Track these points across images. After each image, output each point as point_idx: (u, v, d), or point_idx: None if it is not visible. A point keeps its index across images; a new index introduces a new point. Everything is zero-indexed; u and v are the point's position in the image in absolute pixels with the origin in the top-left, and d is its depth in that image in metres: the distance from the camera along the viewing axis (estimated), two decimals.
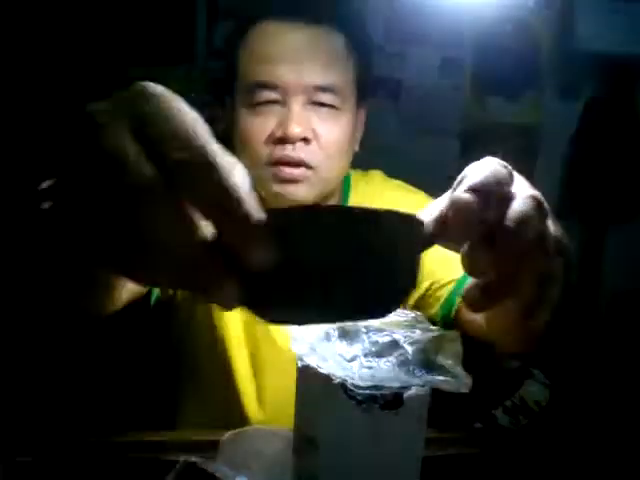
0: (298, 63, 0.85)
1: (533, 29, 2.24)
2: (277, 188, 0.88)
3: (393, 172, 1.14)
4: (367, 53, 0.96)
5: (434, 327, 0.57)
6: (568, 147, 2.32)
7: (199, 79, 2.15)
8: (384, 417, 0.51)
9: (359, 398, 0.50)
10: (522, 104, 2.29)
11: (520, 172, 0.51)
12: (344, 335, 0.59)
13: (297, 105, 0.86)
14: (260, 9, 0.91)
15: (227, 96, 0.94)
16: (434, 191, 0.98)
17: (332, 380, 0.51)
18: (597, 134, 2.24)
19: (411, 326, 0.59)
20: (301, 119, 0.85)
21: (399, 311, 0.60)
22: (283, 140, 0.85)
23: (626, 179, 2.27)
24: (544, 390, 1.84)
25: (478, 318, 0.77)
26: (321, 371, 0.52)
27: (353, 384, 0.50)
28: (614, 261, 2.37)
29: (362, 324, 0.60)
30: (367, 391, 0.50)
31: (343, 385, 0.51)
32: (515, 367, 1.93)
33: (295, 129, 0.84)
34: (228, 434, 0.72)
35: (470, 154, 2.58)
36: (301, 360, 0.53)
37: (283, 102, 0.86)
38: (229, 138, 0.95)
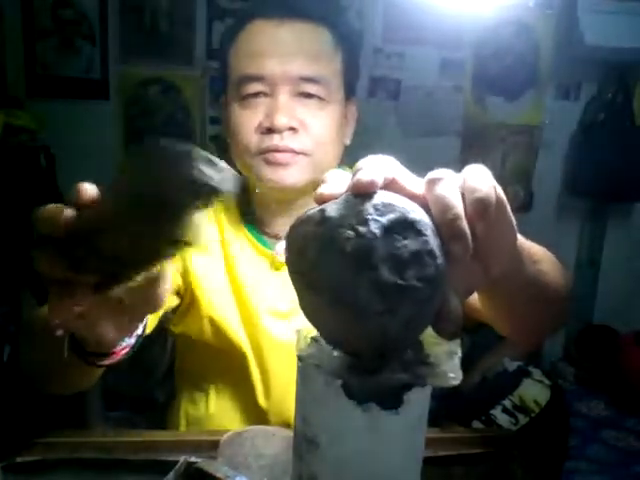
0: (283, 55, 0.88)
1: (533, 29, 2.24)
2: (268, 173, 0.90)
3: None
4: (353, 47, 0.99)
5: (433, 332, 0.58)
6: (568, 147, 2.32)
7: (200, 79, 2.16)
8: (384, 417, 0.51)
9: (359, 398, 0.50)
10: (522, 104, 2.29)
11: (520, 172, 0.52)
12: None
13: (283, 96, 0.88)
14: (250, 9, 0.94)
15: (222, 92, 0.97)
16: None
17: (332, 380, 0.51)
18: (597, 134, 2.24)
19: None
20: (288, 109, 0.88)
21: None
22: (271, 130, 0.87)
23: (624, 178, 2.27)
24: (543, 389, 1.84)
25: (480, 305, 0.80)
26: (321, 371, 0.51)
27: (355, 384, 0.50)
28: (613, 260, 2.37)
29: None
30: (368, 391, 0.50)
31: (344, 385, 0.51)
32: (514, 367, 1.93)
33: (282, 119, 0.87)
34: (228, 434, 0.72)
35: (470, 154, 2.58)
36: (301, 360, 0.53)
37: (270, 94, 0.89)
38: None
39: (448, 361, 0.52)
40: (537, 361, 2.10)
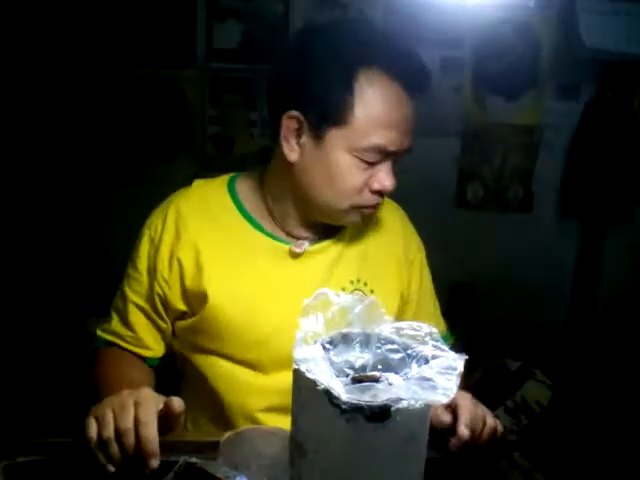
0: (407, 132, 0.96)
1: (533, 29, 2.24)
2: (354, 220, 1.02)
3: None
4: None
5: (443, 346, 0.57)
6: (568, 147, 2.32)
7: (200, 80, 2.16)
8: (370, 429, 0.49)
9: (343, 407, 0.48)
10: (522, 104, 2.29)
11: (520, 172, 0.52)
12: (360, 341, 0.58)
13: (391, 162, 0.97)
14: (369, 54, 0.94)
15: (314, 126, 0.95)
16: (434, 189, 1.02)
17: (317, 386, 0.50)
18: (597, 134, 2.24)
19: (423, 342, 0.58)
20: (393, 174, 0.98)
21: (414, 324, 0.60)
22: (380, 192, 0.98)
23: (625, 178, 2.27)
24: (545, 390, 1.84)
25: None
26: (308, 376, 0.50)
27: (340, 392, 0.48)
28: (614, 261, 2.37)
29: (377, 332, 0.59)
30: (353, 401, 0.48)
31: (327, 392, 0.49)
32: (516, 367, 1.93)
33: (393, 185, 0.97)
34: (228, 434, 0.72)
35: (470, 154, 2.58)
36: (295, 364, 0.52)
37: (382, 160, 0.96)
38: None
39: (444, 376, 0.51)
40: (539, 361, 2.10)
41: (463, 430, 0.81)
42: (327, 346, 0.57)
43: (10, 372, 1.69)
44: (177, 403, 0.73)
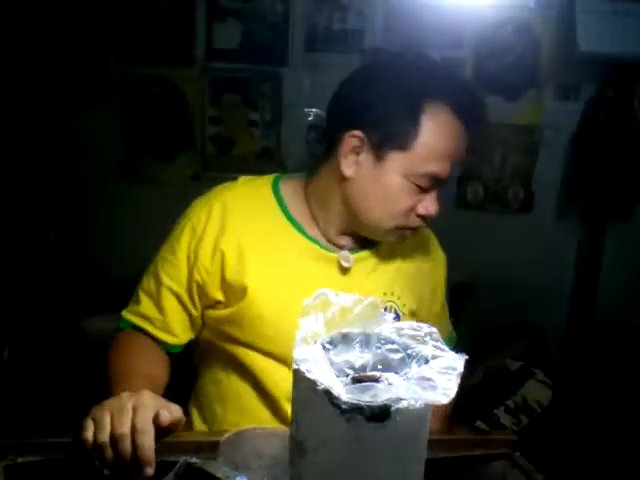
0: (457, 162, 1.02)
1: (533, 29, 2.24)
2: (394, 239, 1.07)
3: None
4: None
5: (444, 346, 0.57)
6: (568, 147, 2.32)
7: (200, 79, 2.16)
8: (370, 429, 0.49)
9: (343, 407, 0.49)
10: (522, 104, 2.29)
11: (520, 172, 0.52)
12: (360, 341, 0.58)
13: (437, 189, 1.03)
14: (440, 89, 0.99)
15: (375, 146, 0.99)
16: None
17: (317, 386, 0.50)
18: (597, 134, 2.24)
19: (423, 342, 0.58)
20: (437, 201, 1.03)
21: (414, 324, 0.60)
22: (425, 217, 1.04)
23: (625, 178, 2.26)
24: (545, 390, 1.84)
25: None
26: (308, 376, 0.50)
27: (340, 392, 0.48)
28: (614, 261, 2.37)
29: (377, 332, 0.59)
30: (353, 400, 0.48)
31: (327, 392, 0.49)
32: (517, 367, 1.93)
33: (438, 211, 1.04)
34: (228, 434, 0.72)
35: (470, 154, 2.56)
36: (295, 364, 0.53)
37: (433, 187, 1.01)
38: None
39: (445, 376, 0.51)
40: (539, 361, 2.10)
41: None
42: (327, 346, 0.57)
43: (9, 372, 1.69)
44: (164, 417, 0.72)
